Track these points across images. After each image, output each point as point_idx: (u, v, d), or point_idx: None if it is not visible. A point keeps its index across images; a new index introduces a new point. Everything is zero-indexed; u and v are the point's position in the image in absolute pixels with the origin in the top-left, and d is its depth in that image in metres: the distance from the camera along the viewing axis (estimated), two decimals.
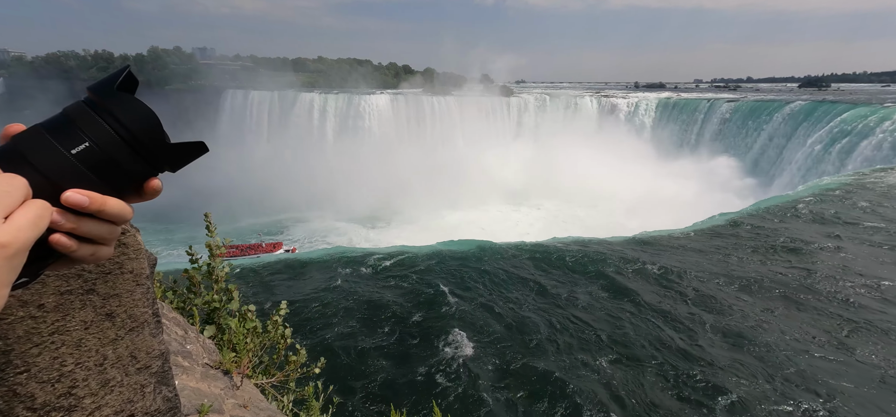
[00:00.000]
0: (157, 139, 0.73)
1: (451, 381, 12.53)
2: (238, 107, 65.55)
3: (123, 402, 1.32)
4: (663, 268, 19.18)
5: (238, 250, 34.15)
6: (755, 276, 18.38)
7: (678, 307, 16.18)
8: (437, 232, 37.62)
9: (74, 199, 0.67)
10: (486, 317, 15.72)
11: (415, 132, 58.48)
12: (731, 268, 18.98)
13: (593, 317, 15.76)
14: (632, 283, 18.00)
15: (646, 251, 21.35)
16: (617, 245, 22.52)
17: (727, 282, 17.84)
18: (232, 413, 4.01)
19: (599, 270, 19.46)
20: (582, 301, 16.69)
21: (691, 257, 20.51)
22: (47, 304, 1.15)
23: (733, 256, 20.48)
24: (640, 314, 15.79)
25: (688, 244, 22.16)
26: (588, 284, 18.23)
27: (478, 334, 14.67)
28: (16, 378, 1.11)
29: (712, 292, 17.19)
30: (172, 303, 5.50)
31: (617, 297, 16.97)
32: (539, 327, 15.06)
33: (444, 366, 13.06)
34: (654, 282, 18.16)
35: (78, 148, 0.68)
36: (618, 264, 19.86)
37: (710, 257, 20.48)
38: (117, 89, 0.71)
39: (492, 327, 15.15)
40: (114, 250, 0.71)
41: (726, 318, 15.50)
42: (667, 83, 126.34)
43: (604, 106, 60.32)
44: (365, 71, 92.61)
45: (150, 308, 1.37)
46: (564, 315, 15.98)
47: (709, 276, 18.41)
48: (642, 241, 23.04)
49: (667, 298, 16.84)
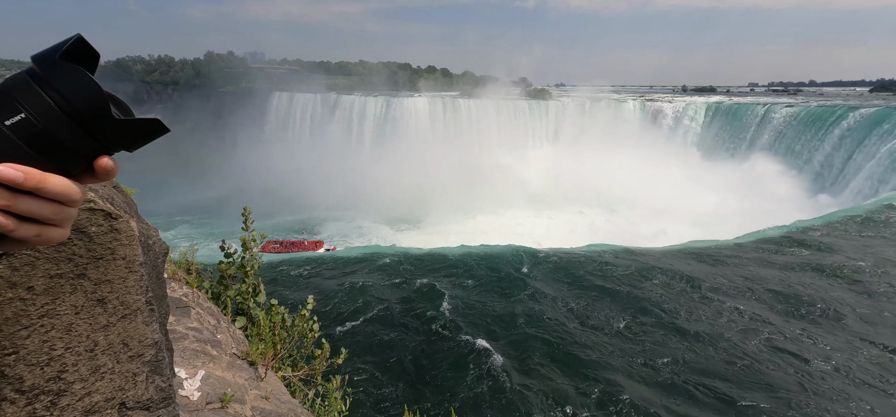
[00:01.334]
0: (99, 113, 0.66)
1: (474, 387, 12.35)
2: (283, 109, 68.46)
3: (114, 389, 1.31)
4: (709, 280, 18.01)
5: (281, 246, 35.59)
6: (808, 294, 16.90)
7: (723, 323, 15.14)
8: (470, 235, 37.45)
9: (7, 173, 0.62)
10: (515, 324, 15.40)
11: (452, 135, 58.63)
12: (782, 283, 17.54)
13: (633, 329, 15.04)
14: (677, 295, 17.04)
15: (691, 262, 20.18)
16: (660, 255, 21.43)
17: (775, 298, 16.49)
18: (253, 403, 4.08)
19: (641, 279, 18.59)
20: (619, 312, 15.97)
21: (737, 269, 19.17)
22: (37, 286, 1.15)
23: (785, 270, 18.94)
24: (684, 329, 14.90)
25: (736, 256, 20.73)
26: (627, 293, 17.43)
27: (505, 340, 14.38)
28: (4, 359, 1.11)
29: (758, 309, 15.95)
30: (208, 293, 5.72)
31: (657, 308, 16.10)
32: (573, 337, 14.56)
33: (468, 372, 12.89)
34: (702, 294, 17.10)
35: (12, 119, 0.63)
36: (659, 273, 18.87)
37: (759, 270, 19.04)
38: (60, 59, 0.66)
39: (521, 333, 14.81)
40: (68, 231, 0.65)
41: (772, 337, 14.33)
42: (717, 87, 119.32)
43: (647, 110, 57.91)
44: (404, 74, 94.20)
45: (143, 296, 1.36)
46: (601, 326, 15.36)
47: (755, 291, 17.12)
48: (688, 251, 21.81)
49: (713, 312, 15.79)
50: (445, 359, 13.65)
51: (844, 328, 14.81)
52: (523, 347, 14.19)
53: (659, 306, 16.56)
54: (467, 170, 51.34)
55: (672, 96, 73.40)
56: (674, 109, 56.57)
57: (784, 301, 16.68)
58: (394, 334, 15.11)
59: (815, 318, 15.52)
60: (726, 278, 18.76)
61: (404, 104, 61.17)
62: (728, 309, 16.23)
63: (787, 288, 17.53)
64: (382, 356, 13.88)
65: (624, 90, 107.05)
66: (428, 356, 13.89)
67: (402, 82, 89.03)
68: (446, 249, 24.37)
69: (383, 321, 15.90)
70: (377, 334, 15.06)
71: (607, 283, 18.63)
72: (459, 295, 17.77)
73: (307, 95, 68.43)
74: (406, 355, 13.97)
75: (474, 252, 23.04)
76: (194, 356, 4.16)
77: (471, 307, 16.71)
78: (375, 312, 16.42)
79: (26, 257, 1.13)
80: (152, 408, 1.40)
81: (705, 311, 16.22)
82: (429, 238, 36.68)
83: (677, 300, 17.03)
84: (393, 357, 13.80)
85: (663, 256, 21.73)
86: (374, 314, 16.28)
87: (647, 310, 16.29)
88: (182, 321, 4.59)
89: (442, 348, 14.33)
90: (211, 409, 3.52)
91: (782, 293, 17.18)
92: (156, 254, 1.78)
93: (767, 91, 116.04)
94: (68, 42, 0.69)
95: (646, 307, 16.49)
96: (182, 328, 4.53)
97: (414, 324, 15.68)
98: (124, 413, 1.34)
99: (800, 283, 17.92)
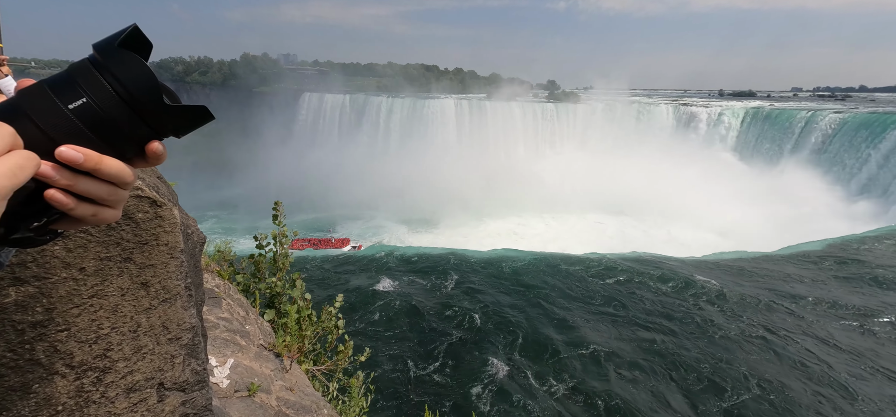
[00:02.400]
0: (153, 99, 0.70)
1: (492, 391, 12.24)
2: (313, 109, 70.15)
3: (154, 370, 1.38)
4: (742, 292, 17.21)
5: (309, 242, 36.43)
6: (853, 310, 15.90)
7: (758, 337, 14.44)
8: (492, 238, 37.21)
9: (68, 154, 0.66)
10: (539, 329, 15.18)
11: (476, 137, 58.46)
12: (829, 299, 16.55)
13: (663, 340, 14.56)
14: (707, 305, 16.37)
15: (723, 273, 19.35)
16: (692, 265, 20.66)
17: (818, 314, 15.57)
18: (279, 394, 4.19)
19: (670, 289, 17.98)
20: (648, 322, 15.48)
21: (775, 283, 18.24)
22: (88, 268, 1.22)
23: (831, 286, 17.89)
24: (713, 341, 14.31)
25: (774, 269, 19.74)
26: (656, 304, 16.89)
27: (528, 345, 14.20)
28: (57, 335, 1.19)
29: (796, 325, 15.12)
30: (238, 285, 5.92)
31: (686, 320, 15.53)
32: (596, 346, 14.23)
33: (489, 375, 12.80)
34: (734, 307, 16.38)
35: (75, 104, 0.67)
36: (690, 284, 18.18)
37: (800, 284, 18.06)
38: (119, 47, 0.70)
39: (545, 339, 14.59)
40: (120, 212, 0.69)
41: (815, 355, 13.55)
42: (757, 91, 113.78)
43: (681, 115, 56.02)
44: (431, 75, 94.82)
45: (182, 282, 1.42)
46: (627, 337, 14.95)
47: (794, 306, 16.23)
48: (721, 262, 20.93)
49: (745, 325, 15.09)
50: (466, 360, 13.61)
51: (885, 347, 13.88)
52: (547, 353, 13.98)
53: (687, 318, 15.99)
54: (493, 173, 51.10)
55: (708, 101, 70.73)
56: (709, 113, 54.50)
57: (826, 317, 15.77)
58: (416, 333, 15.20)
59: (852, 330, 14.61)
60: (756, 288, 17.91)
61: (430, 106, 61.51)
62: (759, 322, 15.49)
63: (832, 303, 16.56)
64: (403, 353, 13.98)
65: (656, 94, 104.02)
66: (449, 356, 13.89)
67: (429, 84, 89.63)
68: (471, 251, 24.27)
69: (406, 319, 16.02)
70: (399, 332, 15.18)
71: (638, 293, 18.13)
72: (484, 298, 17.69)
73: (336, 96, 69.89)
74: (426, 354, 14.01)
75: (499, 256, 22.89)
76: (224, 345, 4.32)
77: (495, 310, 16.60)
78: (398, 310, 16.56)
79: (79, 239, 1.21)
80: (188, 390, 1.46)
81: (736, 322, 15.53)
82: (452, 240, 36.70)
83: (703, 312, 16.39)
84: (413, 356, 13.88)
85: (690, 265, 20.95)
86: (397, 312, 16.41)
87: (675, 322, 15.75)
88: (214, 312, 4.77)
89: (464, 349, 14.29)
90: (239, 397, 3.64)
91: (825, 309, 16.25)
92: (194, 243, 1.86)
93: (812, 96, 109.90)
94: (126, 31, 0.73)
95: (675, 320, 15.95)
96: (214, 317, 4.70)
97: (437, 324, 15.72)
98: (162, 393, 1.40)
99: (845, 300, 16.90)
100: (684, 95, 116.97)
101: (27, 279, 1.14)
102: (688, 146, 52.24)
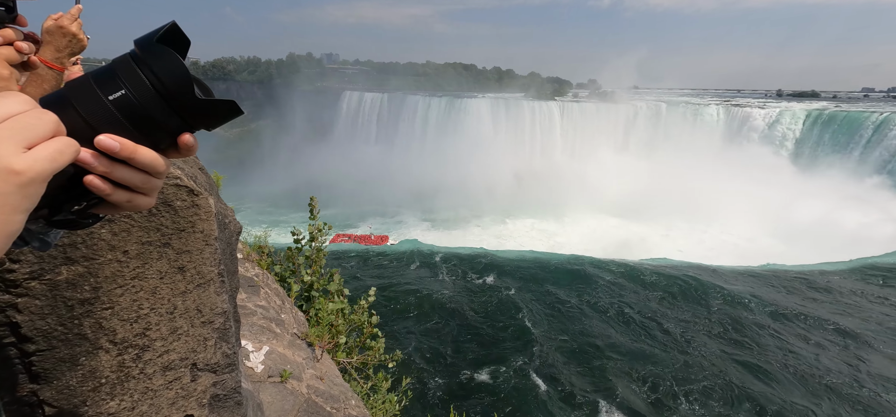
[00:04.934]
0: (185, 93, 0.73)
1: (521, 394, 12.04)
2: (353, 107, 71.95)
3: (188, 351, 1.45)
4: (798, 308, 15.98)
5: (349, 238, 37.43)
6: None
7: (821, 360, 13.37)
8: (525, 239, 36.68)
9: (106, 142, 0.70)
10: (572, 333, 14.81)
11: (512, 137, 57.77)
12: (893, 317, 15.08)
13: (702, 361, 13.81)
14: (755, 319, 15.35)
15: (773, 286, 18.07)
16: (744, 275, 19.44)
17: (881, 334, 14.19)
18: (309, 382, 4.32)
19: (719, 301, 17.01)
20: (689, 338, 14.72)
21: (836, 298, 16.80)
22: (130, 251, 1.30)
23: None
24: (763, 362, 13.40)
25: (837, 284, 18.20)
26: (700, 317, 16.03)
27: (559, 347, 13.88)
28: (102, 312, 1.28)
29: (864, 348, 13.85)
30: (276, 276, 6.17)
31: (735, 338, 14.63)
32: (636, 357, 13.69)
33: (516, 379, 12.61)
34: (786, 323, 15.26)
35: (115, 95, 0.71)
36: (740, 296, 17.11)
37: (865, 301, 16.53)
38: (157, 42, 0.74)
39: (578, 343, 14.21)
40: (154, 200, 0.73)
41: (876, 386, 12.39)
42: (821, 92, 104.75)
43: (734, 116, 52.75)
44: (469, 75, 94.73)
45: (216, 268, 1.49)
46: (667, 351, 14.29)
47: (862, 323, 14.87)
48: (773, 273, 19.56)
49: (803, 345, 14.01)
50: (495, 362, 13.51)
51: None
52: (578, 357, 13.62)
53: (737, 331, 15.06)
54: (529, 173, 50.38)
55: (764, 101, 66.26)
56: (765, 116, 50.99)
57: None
58: (446, 331, 15.25)
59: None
60: (816, 304, 16.58)
61: (467, 105, 61.42)
62: (819, 341, 14.33)
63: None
64: (431, 350, 14.06)
65: (707, 94, 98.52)
66: (477, 356, 13.84)
67: (467, 83, 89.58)
68: (504, 251, 24.03)
69: (436, 317, 16.10)
70: (429, 328, 15.29)
71: (674, 300, 17.29)
72: (515, 300, 17.49)
73: (375, 95, 71.32)
74: (454, 353, 14.03)
75: (532, 257, 22.54)
76: (260, 331, 4.51)
77: (525, 313, 16.37)
78: (429, 307, 16.68)
79: (123, 223, 1.29)
80: (219, 372, 1.53)
81: (794, 341, 14.46)
82: (484, 240, 36.53)
83: (758, 321, 15.37)
84: (441, 353, 13.93)
85: (741, 276, 19.72)
86: (427, 310, 16.54)
87: (720, 337, 14.88)
88: (252, 299, 4.99)
89: (493, 350, 14.20)
90: (271, 382, 3.80)
91: (888, 329, 14.83)
92: (231, 232, 1.95)
93: (887, 97, 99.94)
94: (164, 28, 0.77)
95: (719, 332, 15.07)
96: (252, 304, 4.92)
97: (467, 323, 15.70)
98: (195, 373, 1.48)
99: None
100: (738, 94, 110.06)
101: (77, 259, 1.23)
102: (740, 150, 49.14)
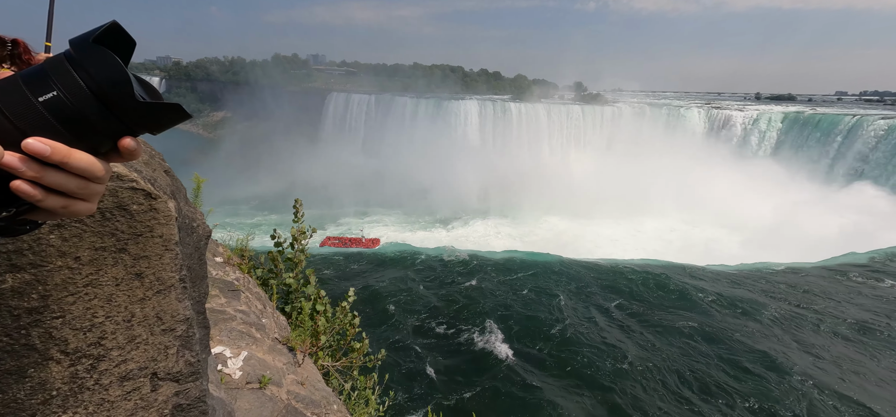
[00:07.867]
0: (124, 95, 0.69)
1: (500, 392, 12.08)
2: (340, 108, 71.45)
3: (147, 360, 1.40)
4: (773, 306, 16.38)
5: (340, 241, 36.98)
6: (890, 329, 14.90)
7: (792, 357, 13.71)
8: (512, 240, 36.86)
9: (34, 146, 0.66)
10: (551, 332, 14.91)
11: (500, 139, 58.17)
12: (870, 316, 15.56)
13: (681, 356, 14.05)
14: (732, 318, 15.68)
15: (752, 284, 18.50)
16: (723, 273, 19.84)
17: (856, 332, 14.64)
18: (290, 388, 4.24)
19: (694, 300, 17.33)
20: (668, 333, 14.96)
21: (811, 297, 17.27)
22: (83, 257, 1.25)
23: (870, 300, 16.83)
24: (738, 358, 13.69)
25: (810, 283, 18.72)
26: (679, 315, 16.30)
27: (538, 347, 13.97)
28: (52, 321, 1.22)
29: (833, 344, 14.26)
30: (258, 279, 6.05)
31: (712, 334, 14.91)
32: (614, 356, 13.86)
33: (497, 377, 12.65)
34: (762, 320, 15.62)
35: (45, 96, 0.67)
36: (718, 295, 17.45)
37: (837, 299, 17.04)
38: (93, 42, 0.70)
39: (556, 342, 14.32)
40: (95, 206, 0.69)
41: (843, 380, 12.77)
42: (798, 95, 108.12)
43: (714, 119, 53.98)
44: (456, 76, 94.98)
45: (177, 274, 1.44)
46: (650, 345, 14.50)
47: (831, 322, 15.31)
48: (750, 272, 20.03)
49: (776, 343, 14.36)
50: (476, 360, 13.53)
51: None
52: (555, 355, 13.73)
53: (713, 328, 15.36)
54: (516, 175, 50.72)
55: (743, 104, 67.92)
56: (744, 118, 52.31)
57: (865, 336, 14.84)
58: (429, 330, 15.21)
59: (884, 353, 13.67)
60: (791, 303, 17.02)
61: (454, 107, 61.57)
62: (794, 339, 14.72)
63: (872, 320, 15.58)
64: (414, 349, 14.02)
65: (689, 97, 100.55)
66: (459, 355, 13.84)
67: (454, 85, 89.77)
68: (490, 252, 24.07)
69: (423, 316, 16.06)
70: (413, 328, 15.24)
71: (660, 302, 17.57)
72: (500, 300, 17.54)
73: (363, 96, 70.94)
74: (437, 352, 14.01)
75: (518, 257, 22.65)
76: (239, 337, 4.41)
77: (512, 312, 16.43)
78: (417, 308, 16.63)
79: (75, 228, 1.23)
80: (181, 381, 1.48)
81: (766, 339, 14.81)
82: (472, 240, 36.62)
83: (735, 321, 15.71)
84: (423, 353, 13.89)
85: (724, 274, 20.14)
86: (415, 310, 16.48)
87: (697, 332, 15.16)
88: (232, 304, 4.88)
89: (474, 349, 14.21)
90: (250, 388, 3.71)
91: (866, 326, 15.30)
92: (199, 236, 1.89)
93: (859, 101, 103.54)
94: (103, 27, 0.73)
95: (695, 328, 15.36)
96: (232, 309, 4.81)
97: (452, 323, 15.69)
98: (155, 382, 1.42)
99: (888, 314, 15.87)
100: (718, 97, 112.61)
101: (23, 265, 1.17)
102: (720, 152, 50.32)
